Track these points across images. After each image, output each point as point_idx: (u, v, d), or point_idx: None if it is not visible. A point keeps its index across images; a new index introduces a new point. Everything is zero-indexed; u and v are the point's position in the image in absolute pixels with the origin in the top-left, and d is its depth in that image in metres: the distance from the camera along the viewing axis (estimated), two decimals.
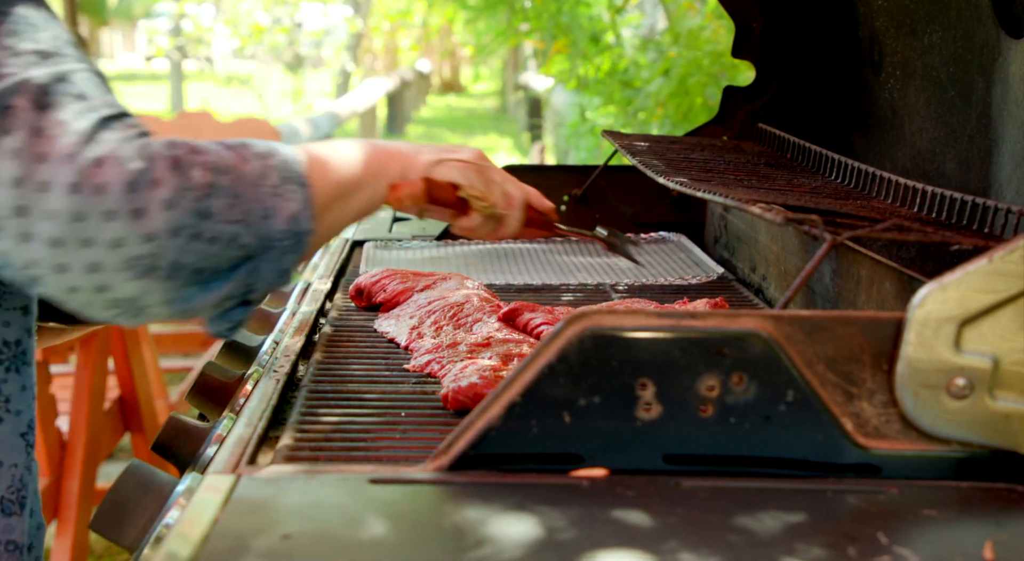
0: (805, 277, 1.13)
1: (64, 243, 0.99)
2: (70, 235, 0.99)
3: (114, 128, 1.02)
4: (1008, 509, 0.99)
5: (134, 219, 1.00)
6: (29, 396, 1.20)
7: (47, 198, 0.98)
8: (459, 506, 0.97)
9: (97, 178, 0.99)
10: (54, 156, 0.98)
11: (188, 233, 1.02)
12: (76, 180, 0.98)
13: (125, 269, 1.01)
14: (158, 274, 1.02)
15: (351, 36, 15.03)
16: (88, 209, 0.98)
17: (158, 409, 3.81)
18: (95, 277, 1.01)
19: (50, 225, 0.98)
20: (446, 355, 1.56)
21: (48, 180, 0.98)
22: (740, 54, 2.35)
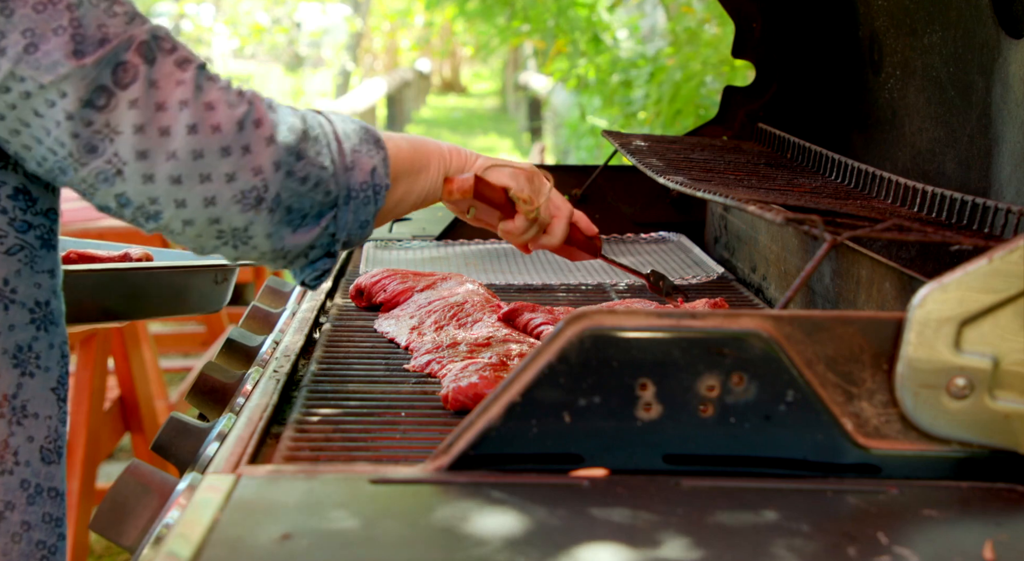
0: (805, 277, 1.13)
1: (184, 180, 1.11)
2: (190, 172, 1.11)
3: (210, 77, 1.13)
4: (1008, 509, 0.99)
5: (244, 154, 1.12)
6: (57, 354, 1.26)
7: (169, 141, 1.09)
8: (459, 506, 0.97)
9: (211, 119, 1.11)
10: (171, 104, 1.09)
11: (285, 169, 1.15)
12: (194, 122, 1.10)
13: (237, 202, 1.13)
14: (264, 206, 1.15)
15: (351, 36, 15.02)
16: (206, 147, 1.10)
17: (158, 409, 3.81)
18: (210, 210, 1.13)
19: (172, 164, 1.10)
20: (446, 355, 1.56)
21: (168, 125, 1.09)
22: (740, 54, 2.35)
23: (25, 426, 1.22)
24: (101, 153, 1.09)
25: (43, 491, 1.23)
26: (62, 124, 1.08)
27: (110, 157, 1.09)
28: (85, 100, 1.07)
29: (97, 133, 1.08)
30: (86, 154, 1.09)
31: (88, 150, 1.09)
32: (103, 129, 1.08)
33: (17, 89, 1.07)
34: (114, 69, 1.08)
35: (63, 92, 1.07)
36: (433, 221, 2.57)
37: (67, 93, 1.07)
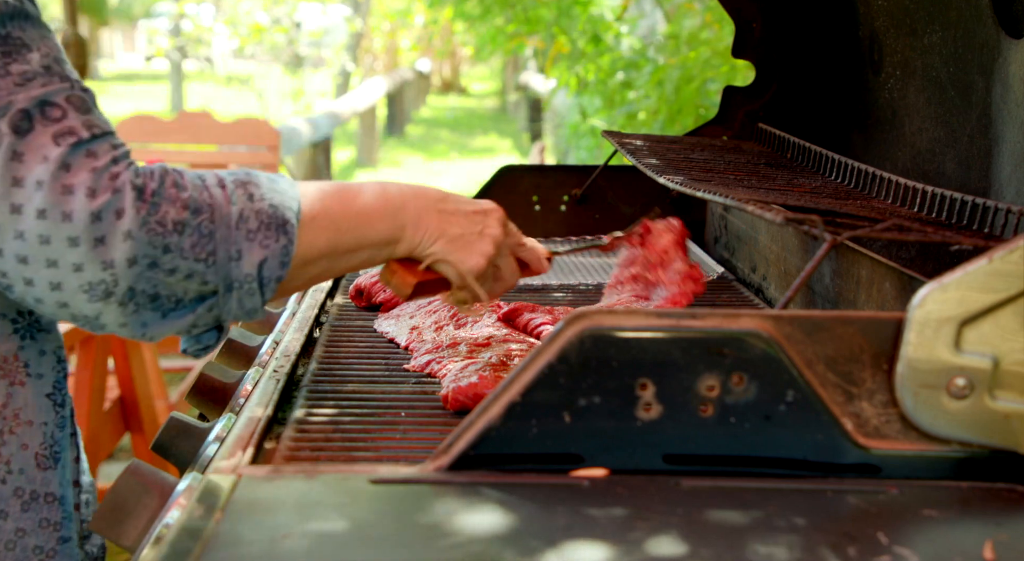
0: (805, 277, 1.13)
1: (30, 261, 1.06)
2: (36, 255, 1.06)
3: (90, 154, 1.07)
4: (1008, 509, 0.99)
5: (95, 246, 1.06)
6: (51, 360, 1.25)
7: (18, 220, 1.05)
8: (459, 506, 0.97)
9: (65, 206, 1.05)
10: (28, 182, 1.04)
11: (146, 262, 1.08)
12: (45, 206, 1.04)
13: (84, 292, 1.08)
14: (114, 299, 1.09)
15: (351, 36, 15.02)
16: (53, 234, 1.05)
17: (158, 409, 3.81)
18: (57, 294, 1.08)
19: (18, 244, 1.06)
20: (446, 355, 1.56)
21: (21, 203, 1.04)
22: (740, 54, 2.35)
23: (18, 434, 1.22)
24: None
25: (39, 497, 1.23)
26: None
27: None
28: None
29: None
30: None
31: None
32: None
33: None
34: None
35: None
36: None
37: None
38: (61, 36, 5.39)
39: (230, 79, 14.95)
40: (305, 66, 14.63)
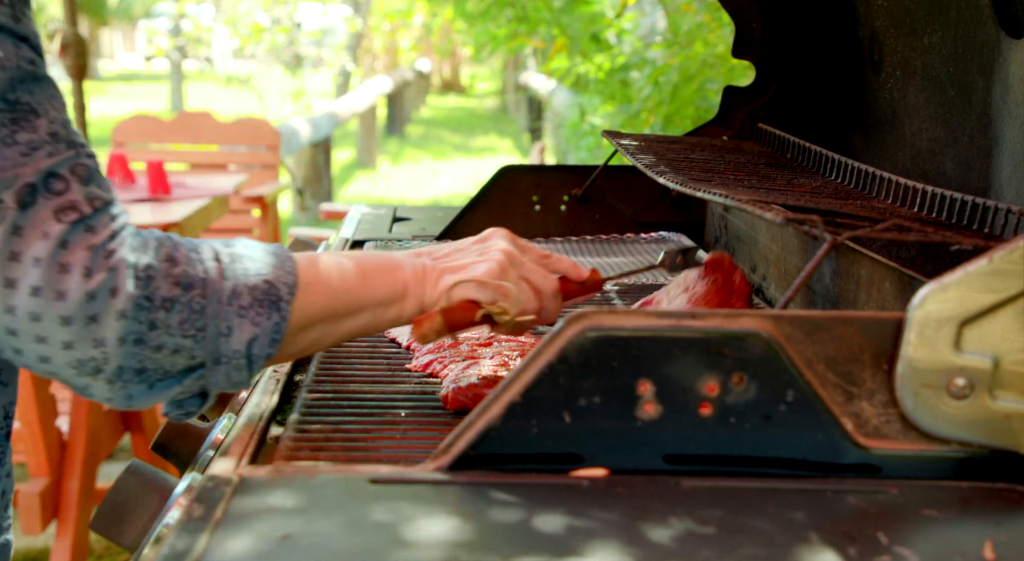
0: (805, 277, 1.13)
1: (19, 335, 1.05)
2: (26, 330, 1.05)
3: (88, 229, 1.06)
4: (1008, 509, 0.99)
5: (88, 324, 1.05)
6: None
7: (11, 294, 1.03)
8: (459, 506, 0.97)
9: (60, 285, 1.04)
10: (26, 258, 1.03)
11: (132, 339, 1.07)
12: (40, 284, 1.03)
13: (72, 367, 1.07)
14: (103, 376, 1.08)
15: (351, 36, 15.02)
16: (46, 312, 1.04)
17: (158, 409, 3.80)
18: (45, 366, 1.08)
19: (9, 318, 1.04)
20: (448, 355, 1.56)
21: (16, 278, 1.03)
22: (740, 54, 2.35)
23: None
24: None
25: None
26: None
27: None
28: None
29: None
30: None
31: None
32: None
33: None
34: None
35: None
36: (433, 221, 2.57)
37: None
38: (61, 36, 5.36)
39: (230, 79, 14.95)
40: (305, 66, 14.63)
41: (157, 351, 1.09)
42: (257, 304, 1.14)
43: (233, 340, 1.13)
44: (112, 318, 1.05)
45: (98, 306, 1.05)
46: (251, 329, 1.14)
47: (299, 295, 1.18)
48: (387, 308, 1.27)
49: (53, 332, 1.05)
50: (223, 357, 1.13)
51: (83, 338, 1.05)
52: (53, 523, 3.26)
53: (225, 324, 1.12)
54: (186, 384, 1.13)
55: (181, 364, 1.12)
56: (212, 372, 1.14)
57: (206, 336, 1.11)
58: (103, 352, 1.06)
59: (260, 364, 1.16)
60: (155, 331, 1.08)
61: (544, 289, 1.36)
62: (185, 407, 1.18)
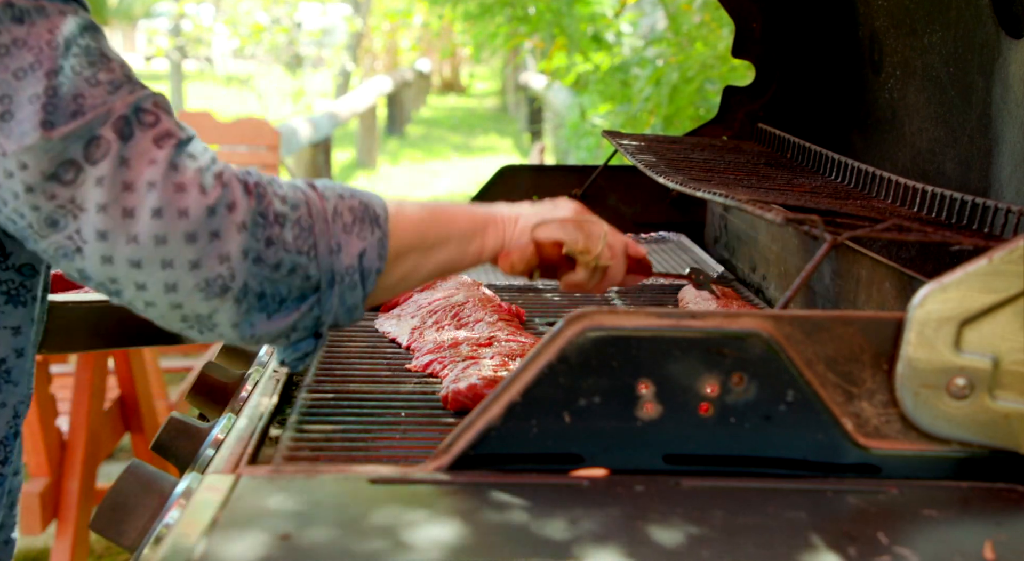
0: (805, 277, 1.13)
1: (144, 264, 1.05)
2: (151, 257, 1.04)
3: (190, 156, 1.07)
4: (1008, 509, 0.99)
5: (212, 240, 1.05)
6: (7, 414, 1.22)
7: (132, 223, 1.03)
8: (459, 506, 0.97)
9: (180, 203, 1.04)
10: (140, 184, 1.03)
11: (252, 256, 1.07)
12: (160, 206, 1.04)
13: (200, 289, 1.06)
14: (230, 295, 1.07)
15: (351, 36, 15.02)
16: (170, 232, 1.04)
17: (158, 409, 3.81)
18: (172, 296, 1.06)
19: (132, 248, 1.04)
20: (448, 355, 1.56)
21: (133, 207, 1.03)
22: (740, 54, 2.35)
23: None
24: (62, 228, 1.04)
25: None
26: (20, 196, 1.04)
27: (71, 233, 1.04)
28: (49, 173, 1.03)
29: (61, 208, 1.04)
30: (46, 227, 1.05)
31: (49, 224, 1.05)
32: (67, 204, 1.04)
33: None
34: (87, 143, 1.03)
35: (23, 164, 1.03)
36: None
37: (28, 165, 1.03)
38: None
39: (230, 79, 14.95)
40: (305, 66, 14.63)
41: (275, 270, 1.09)
42: (359, 221, 1.15)
43: (343, 256, 1.14)
44: (234, 231, 1.06)
45: (219, 221, 1.05)
46: (359, 243, 1.15)
47: (392, 218, 1.19)
48: (470, 241, 1.28)
49: (179, 252, 1.04)
50: (336, 274, 1.13)
51: (209, 254, 1.05)
52: (53, 523, 3.26)
53: (334, 241, 1.13)
54: (302, 311, 1.13)
55: (297, 287, 1.11)
56: (326, 295, 1.13)
57: (318, 254, 1.12)
58: (229, 268, 1.06)
59: (372, 280, 1.16)
60: (272, 248, 1.08)
61: (616, 247, 1.39)
62: (300, 348, 1.17)
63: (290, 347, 1.16)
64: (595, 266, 1.36)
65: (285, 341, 1.15)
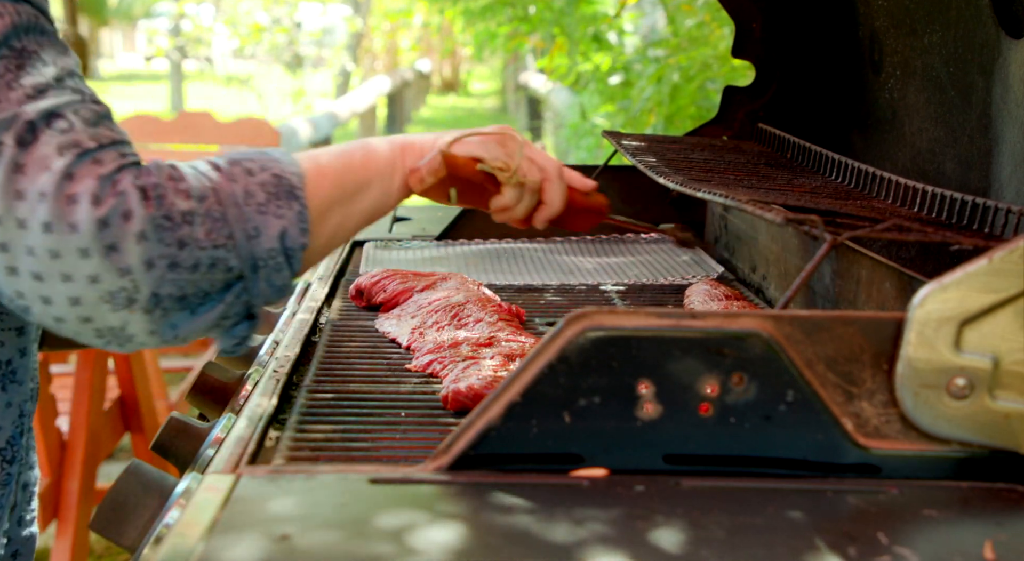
0: (805, 277, 1.13)
1: (45, 278, 1.01)
2: (49, 271, 1.01)
3: (94, 162, 1.02)
4: (1008, 509, 0.99)
5: (107, 255, 1.01)
6: (13, 413, 1.22)
7: (26, 235, 1.00)
8: (459, 506, 0.97)
9: (69, 217, 1.00)
10: (31, 194, 0.99)
11: (165, 264, 1.03)
12: (49, 219, 0.99)
13: (105, 303, 1.02)
14: (138, 306, 1.03)
15: (351, 36, 15.03)
16: (63, 247, 1.00)
17: (158, 409, 3.81)
18: (77, 309, 1.02)
19: (31, 261, 1.00)
20: (448, 355, 1.56)
21: (25, 218, 1.00)
22: (740, 54, 2.35)
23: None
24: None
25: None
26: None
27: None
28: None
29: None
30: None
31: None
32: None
33: None
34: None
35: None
36: (433, 221, 2.57)
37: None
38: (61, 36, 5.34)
39: (230, 79, 14.94)
40: (305, 66, 14.63)
41: (194, 271, 1.04)
42: (274, 198, 1.10)
43: (263, 239, 1.09)
44: (131, 243, 1.01)
45: (113, 233, 1.00)
46: (277, 223, 1.10)
47: (308, 181, 1.14)
48: (391, 176, 1.24)
49: (75, 267, 1.00)
50: (259, 260, 1.09)
51: (107, 269, 1.01)
52: (53, 523, 3.26)
53: (251, 225, 1.08)
54: (229, 302, 1.09)
55: (220, 280, 1.07)
56: (251, 281, 1.09)
57: (236, 243, 1.07)
58: (132, 280, 1.02)
59: (298, 258, 1.12)
60: (186, 249, 1.04)
61: (548, 167, 1.33)
62: (236, 333, 1.13)
63: (225, 334, 1.12)
64: (520, 184, 1.30)
65: (219, 330, 1.11)
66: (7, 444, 1.22)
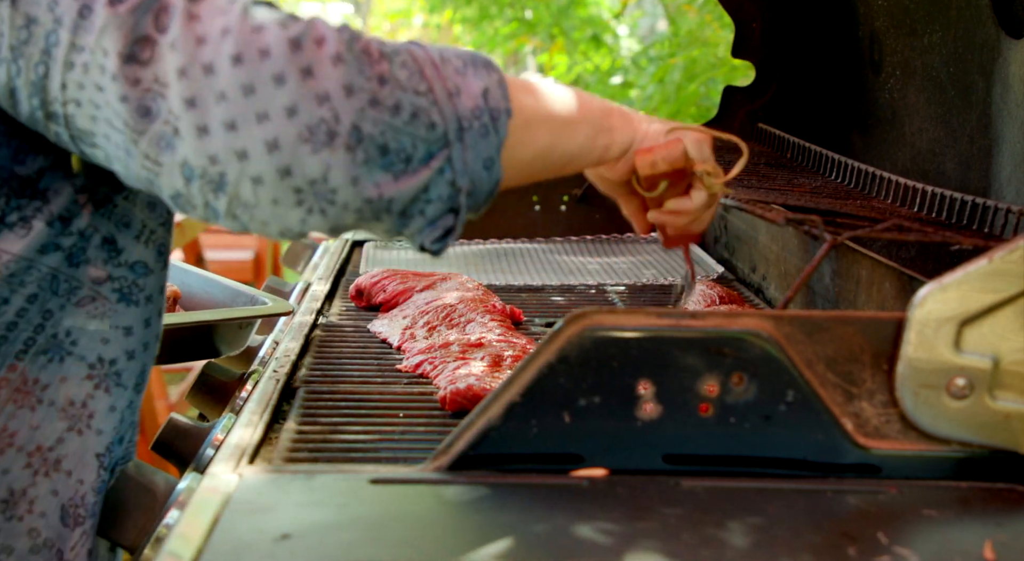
0: (805, 277, 1.13)
1: (239, 125, 0.93)
2: (244, 113, 0.93)
3: (267, 5, 0.97)
4: (1008, 509, 0.99)
5: (304, 79, 0.93)
6: (116, 419, 1.16)
7: (214, 80, 0.92)
8: (459, 506, 0.97)
9: (258, 43, 0.93)
10: (212, 35, 0.93)
11: (366, 97, 0.95)
12: (238, 51, 0.93)
13: (305, 141, 0.93)
14: (339, 141, 0.94)
15: None
16: (256, 78, 0.92)
17: (158, 409, 3.81)
18: (276, 157, 0.93)
19: (222, 108, 0.92)
20: (438, 356, 1.56)
21: (211, 60, 0.92)
22: (740, 54, 2.35)
23: (52, 479, 1.12)
24: (156, 114, 0.93)
25: (52, 547, 1.13)
26: (108, 89, 0.93)
27: (166, 116, 0.93)
28: (126, 54, 0.93)
29: (147, 91, 0.93)
30: (141, 119, 0.94)
31: (142, 113, 0.93)
32: (152, 85, 0.93)
33: (79, 61, 0.94)
34: (156, 14, 0.93)
35: (104, 49, 0.93)
36: None
37: (108, 50, 0.93)
38: None
39: None
40: None
41: (395, 114, 0.96)
42: (471, 65, 1.02)
43: (464, 97, 1.00)
44: (328, 66, 0.94)
45: (307, 55, 0.93)
46: (477, 82, 1.01)
47: (510, 82, 1.05)
48: (601, 129, 1.16)
49: (271, 100, 0.92)
50: (462, 120, 1.00)
51: (304, 95, 0.93)
52: None
53: (450, 83, 1.00)
54: (433, 168, 0.99)
55: (422, 139, 0.97)
56: (455, 149, 0.99)
57: (436, 97, 0.98)
58: (331, 108, 0.93)
59: (504, 124, 1.02)
60: (386, 86, 0.96)
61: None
62: (439, 226, 1.03)
63: (427, 226, 1.02)
64: (715, 193, 1.23)
65: (421, 218, 1.01)
66: (106, 450, 1.16)
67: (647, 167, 1.19)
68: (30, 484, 1.11)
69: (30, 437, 1.11)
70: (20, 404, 1.10)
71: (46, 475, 1.12)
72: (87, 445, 1.15)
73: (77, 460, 1.14)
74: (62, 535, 1.14)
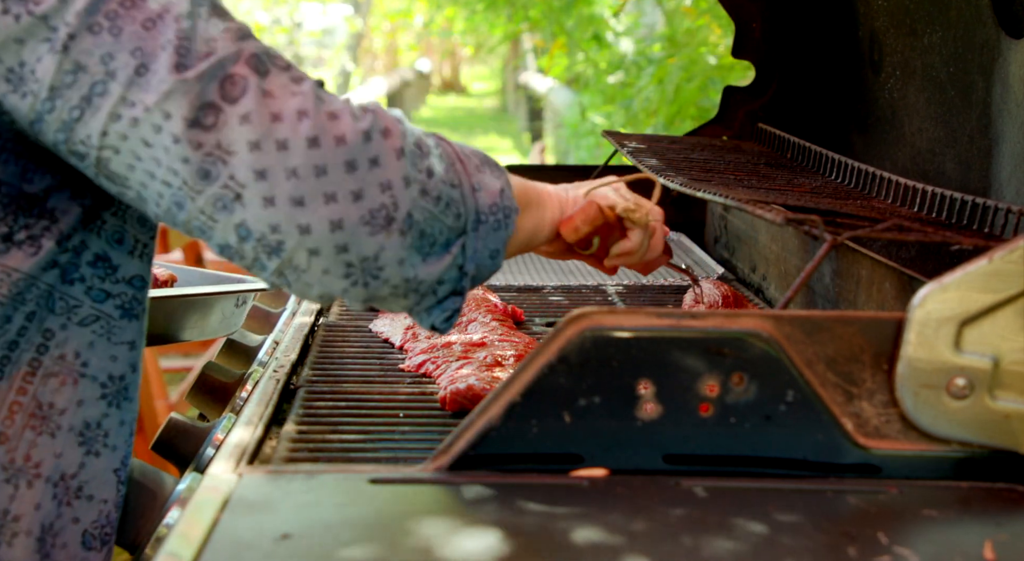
0: (805, 277, 1.13)
1: (307, 201, 0.99)
2: (313, 191, 0.99)
3: (328, 93, 1.03)
4: (1008, 509, 0.99)
5: (372, 168, 1.01)
6: (126, 432, 1.17)
7: (288, 156, 0.98)
8: (459, 506, 0.97)
9: (335, 130, 1.00)
10: (288, 114, 0.99)
11: (418, 187, 1.04)
12: (315, 134, 0.99)
13: (365, 223, 1.01)
14: (395, 226, 1.03)
15: (351, 36, 15.04)
16: (329, 162, 0.99)
17: (158, 409, 3.81)
18: (337, 235, 1.00)
19: (293, 183, 0.98)
20: (440, 355, 1.56)
21: (286, 138, 0.98)
22: (740, 54, 2.35)
23: (74, 507, 1.12)
24: (215, 178, 0.98)
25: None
26: (170, 150, 0.98)
27: (226, 181, 0.98)
28: (191, 120, 0.97)
29: (208, 156, 0.98)
30: (200, 180, 0.98)
31: (201, 176, 0.98)
32: (214, 151, 0.97)
33: (127, 115, 0.98)
34: (221, 83, 0.98)
35: (167, 113, 0.97)
36: None
37: (171, 114, 0.97)
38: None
39: None
40: (305, 66, 14.63)
41: (437, 203, 1.06)
42: (486, 164, 1.14)
43: (484, 194, 1.11)
44: (393, 158, 1.02)
45: (376, 147, 1.01)
46: (495, 182, 1.13)
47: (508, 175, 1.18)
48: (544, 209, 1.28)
49: (341, 183, 0.99)
50: (481, 213, 1.11)
51: (370, 183, 1.00)
52: None
53: (474, 179, 1.11)
54: (453, 254, 1.09)
55: (448, 226, 1.08)
56: (471, 239, 1.11)
57: (463, 191, 1.09)
58: (391, 196, 1.02)
59: (512, 221, 1.14)
60: (432, 179, 1.06)
61: (656, 214, 1.37)
62: (448, 307, 1.13)
63: (436, 307, 1.12)
64: (646, 226, 1.34)
65: (432, 298, 1.11)
66: (121, 464, 1.16)
67: (572, 234, 1.30)
68: (56, 517, 1.11)
69: (55, 466, 1.11)
70: (39, 431, 1.10)
71: (68, 505, 1.12)
72: (106, 465, 1.15)
73: (99, 483, 1.14)
74: (86, 560, 1.14)
